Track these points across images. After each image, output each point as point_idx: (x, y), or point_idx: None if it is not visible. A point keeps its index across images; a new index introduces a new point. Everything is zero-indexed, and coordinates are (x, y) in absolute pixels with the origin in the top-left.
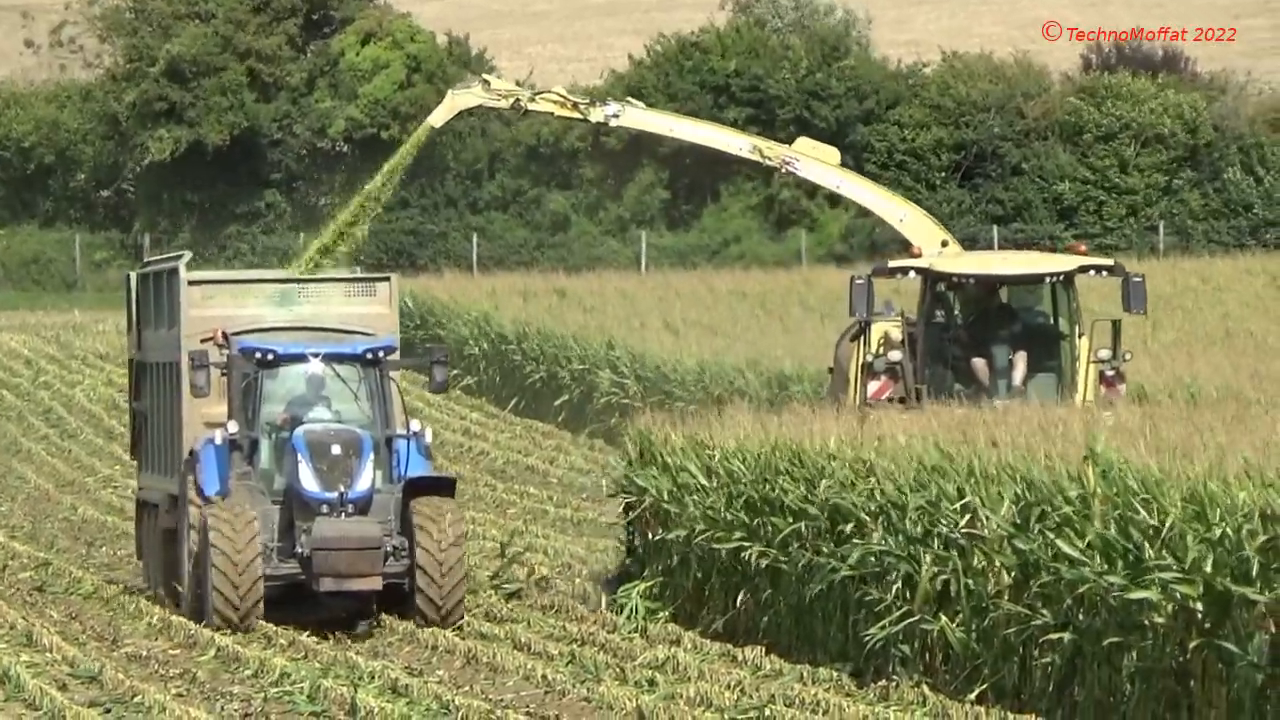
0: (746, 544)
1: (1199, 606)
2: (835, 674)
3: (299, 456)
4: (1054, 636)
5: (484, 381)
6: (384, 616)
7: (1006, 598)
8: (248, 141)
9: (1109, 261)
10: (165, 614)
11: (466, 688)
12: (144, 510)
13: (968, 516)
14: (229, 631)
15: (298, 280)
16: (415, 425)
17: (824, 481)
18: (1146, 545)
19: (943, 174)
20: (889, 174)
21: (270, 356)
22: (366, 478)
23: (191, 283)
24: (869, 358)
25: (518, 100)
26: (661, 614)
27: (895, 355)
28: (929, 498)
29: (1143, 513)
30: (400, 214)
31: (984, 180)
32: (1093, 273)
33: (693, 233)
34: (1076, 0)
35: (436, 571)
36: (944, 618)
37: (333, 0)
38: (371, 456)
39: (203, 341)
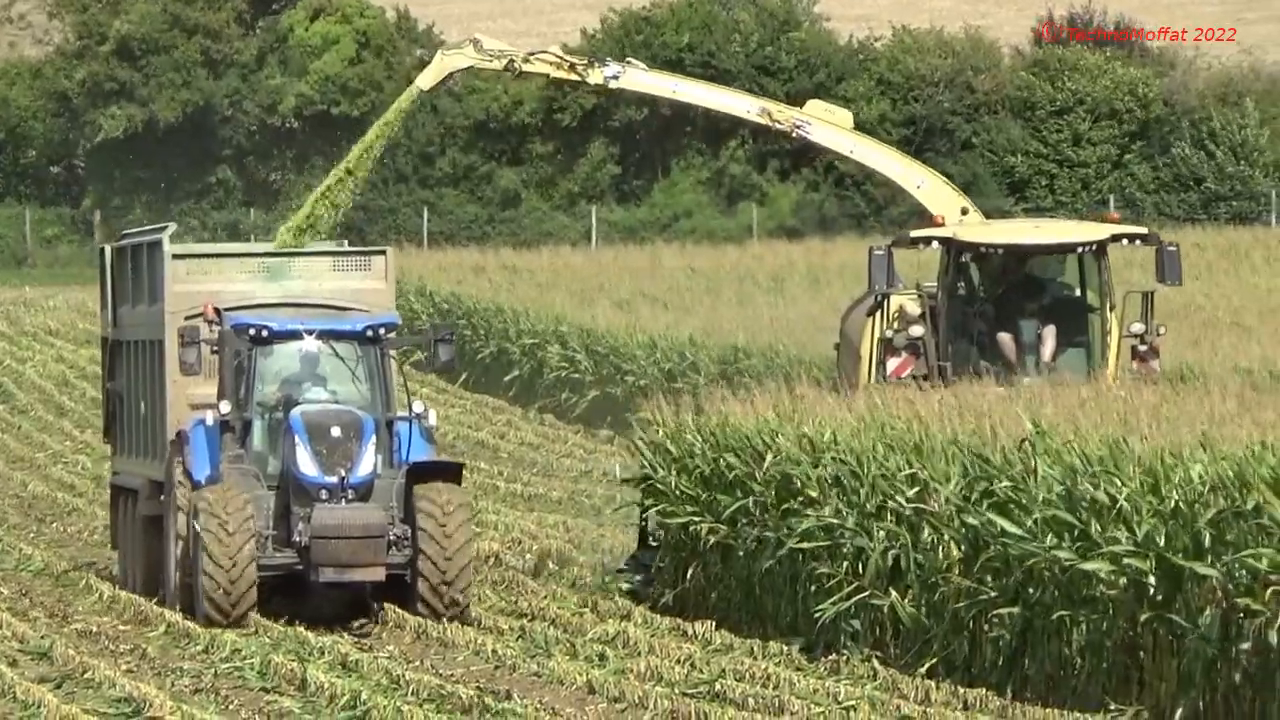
0: (697, 519)
1: (1150, 580)
2: (786, 648)
3: (296, 439)
4: (1004, 611)
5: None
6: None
7: (956, 572)
8: (199, 118)
9: (1143, 230)
10: (115, 590)
11: (416, 662)
12: (120, 496)
13: (916, 489)
14: (222, 625)
15: (289, 254)
16: (418, 407)
17: (769, 456)
18: (1093, 520)
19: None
20: None
21: (265, 333)
22: (368, 462)
23: (176, 256)
24: (888, 333)
25: (511, 61)
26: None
27: (917, 330)
28: (881, 473)
29: (1088, 487)
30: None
31: (934, 154)
32: (1125, 242)
33: (643, 208)
34: None
35: (441, 563)
36: (894, 592)
37: None
38: (373, 439)
39: (188, 319)
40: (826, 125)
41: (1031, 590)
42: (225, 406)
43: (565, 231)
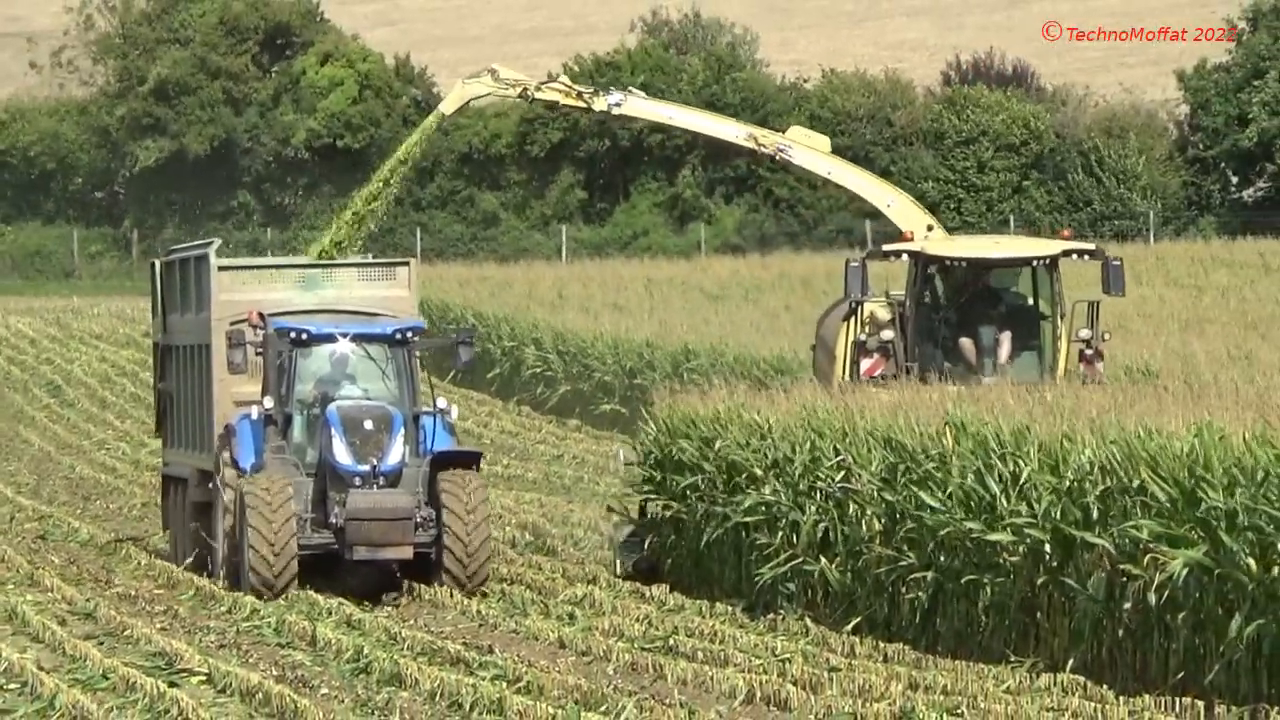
0: (653, 496)
1: (1047, 548)
2: (730, 609)
3: (332, 431)
4: (919, 575)
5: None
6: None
7: (878, 542)
8: (222, 150)
9: (1091, 246)
10: (151, 559)
11: (411, 621)
12: (171, 484)
13: (843, 473)
14: (266, 598)
15: (323, 265)
16: (442, 403)
17: (719, 442)
18: (1001, 495)
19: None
20: (777, 175)
21: (304, 336)
22: (397, 452)
23: (221, 268)
24: (861, 336)
25: (525, 89)
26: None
27: (888, 334)
28: (812, 456)
29: (999, 465)
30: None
31: None
32: (1075, 256)
33: (607, 227)
34: (936, 24)
35: (463, 540)
36: (824, 560)
37: (294, 25)
38: (402, 431)
39: (233, 324)
40: (806, 149)
41: (943, 558)
42: (269, 402)
43: (539, 248)
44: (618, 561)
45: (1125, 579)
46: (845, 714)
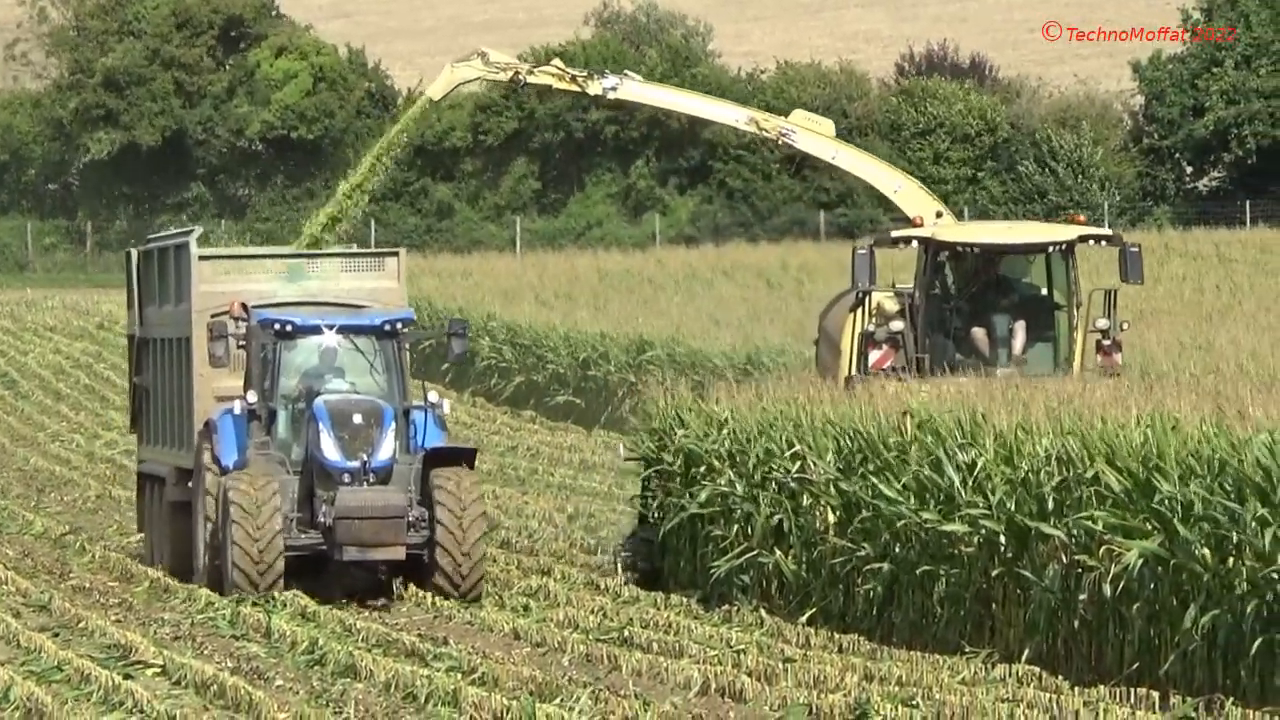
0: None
1: (1002, 539)
2: (685, 600)
3: (320, 426)
4: (874, 566)
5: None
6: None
7: (832, 534)
8: (176, 142)
9: (1108, 231)
10: (105, 551)
11: (366, 613)
12: (147, 482)
13: (798, 464)
14: (250, 599)
15: (308, 255)
16: (433, 396)
17: (680, 432)
18: (957, 485)
19: (776, 165)
20: (730, 167)
21: (289, 328)
22: (388, 447)
23: (202, 258)
24: (870, 327)
25: (517, 73)
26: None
27: (897, 325)
28: (767, 447)
29: (959, 454)
30: (308, 203)
31: (812, 171)
32: (1091, 242)
33: (561, 218)
34: (890, 15)
35: (457, 543)
36: (778, 551)
37: (248, 18)
38: (393, 426)
39: (214, 317)
40: (810, 133)
41: (899, 549)
42: (252, 397)
43: (493, 239)
44: (618, 564)
45: (1081, 570)
46: (800, 705)
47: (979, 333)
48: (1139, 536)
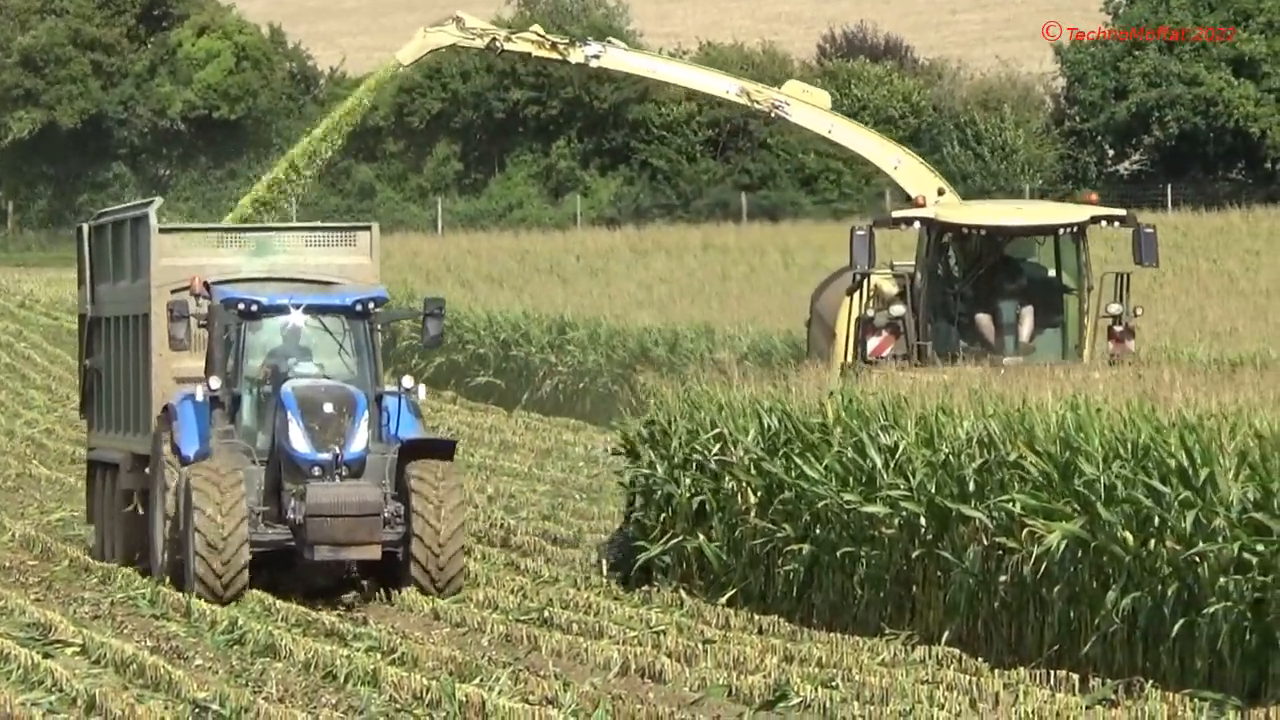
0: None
1: (923, 521)
2: (605, 581)
3: (288, 415)
4: (795, 548)
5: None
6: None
7: (754, 515)
8: (97, 121)
9: (1121, 212)
10: (25, 529)
11: (286, 593)
12: (97, 471)
13: (719, 445)
14: (214, 603)
15: (275, 229)
16: (407, 381)
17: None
18: (879, 466)
19: (699, 147)
20: (652, 147)
21: (254, 308)
22: (361, 438)
23: (162, 230)
24: (869, 312)
25: (494, 40)
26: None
27: (898, 310)
28: (689, 428)
29: (881, 436)
30: (230, 184)
31: (735, 153)
32: (1104, 223)
33: (482, 199)
34: None
35: (435, 540)
36: (700, 534)
37: None
38: (366, 415)
39: (174, 292)
40: (805, 106)
41: (819, 530)
42: (215, 382)
43: (415, 220)
44: (603, 561)
45: (1001, 552)
46: (719, 686)
47: (984, 319)
48: (1060, 519)
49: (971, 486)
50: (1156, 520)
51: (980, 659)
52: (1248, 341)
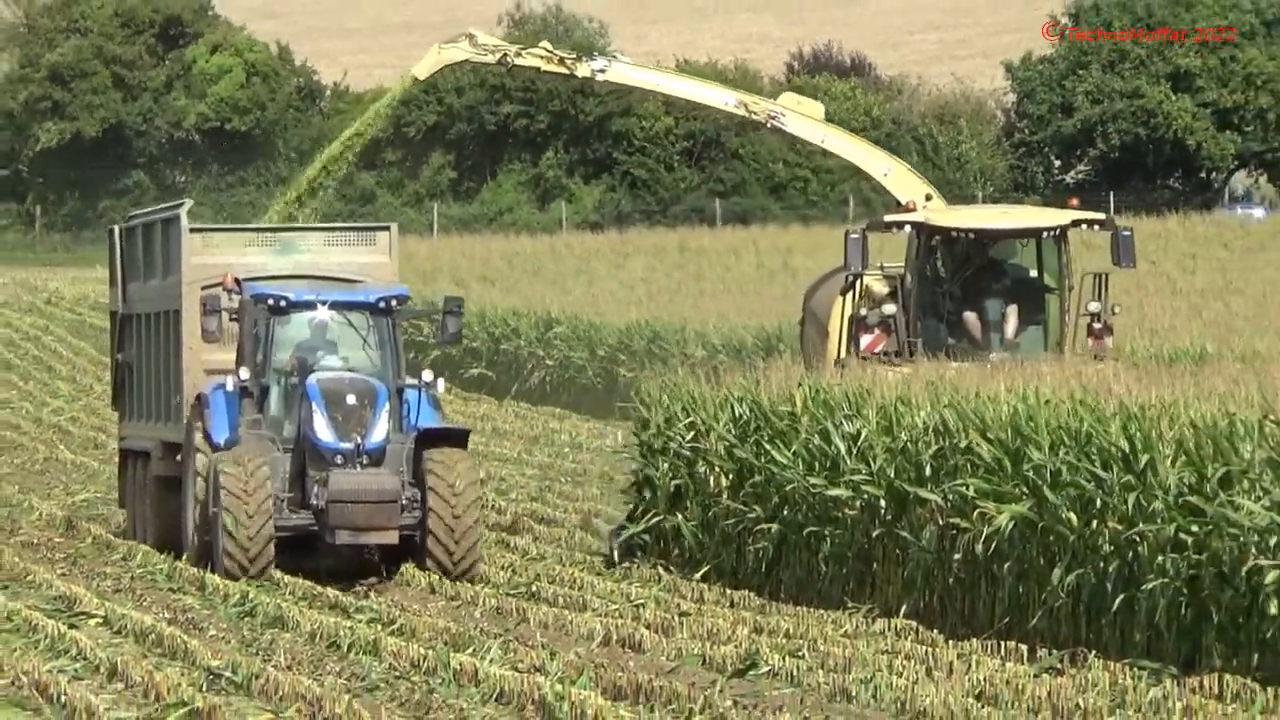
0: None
1: (883, 503)
2: (588, 558)
3: (313, 405)
4: (764, 528)
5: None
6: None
7: (726, 497)
8: (117, 132)
9: (1100, 216)
10: (52, 509)
11: (294, 568)
12: (129, 459)
13: (693, 433)
14: (241, 581)
15: (300, 229)
16: (427, 375)
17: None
18: (843, 453)
19: (677, 157)
20: (634, 157)
21: (283, 302)
22: (382, 428)
23: (193, 230)
24: (862, 311)
25: (505, 55)
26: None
27: (890, 308)
28: (665, 417)
29: (845, 425)
30: (237, 190)
31: (709, 163)
32: (1084, 227)
33: (475, 204)
34: (780, 18)
35: (451, 524)
36: (679, 515)
37: (186, 18)
38: (387, 406)
39: (205, 289)
40: (799, 117)
41: (787, 511)
42: (244, 373)
43: (412, 224)
44: (614, 549)
45: (955, 532)
46: (694, 656)
47: (971, 317)
48: (1010, 501)
49: (928, 471)
50: (1099, 503)
51: (936, 631)
52: (1184, 338)
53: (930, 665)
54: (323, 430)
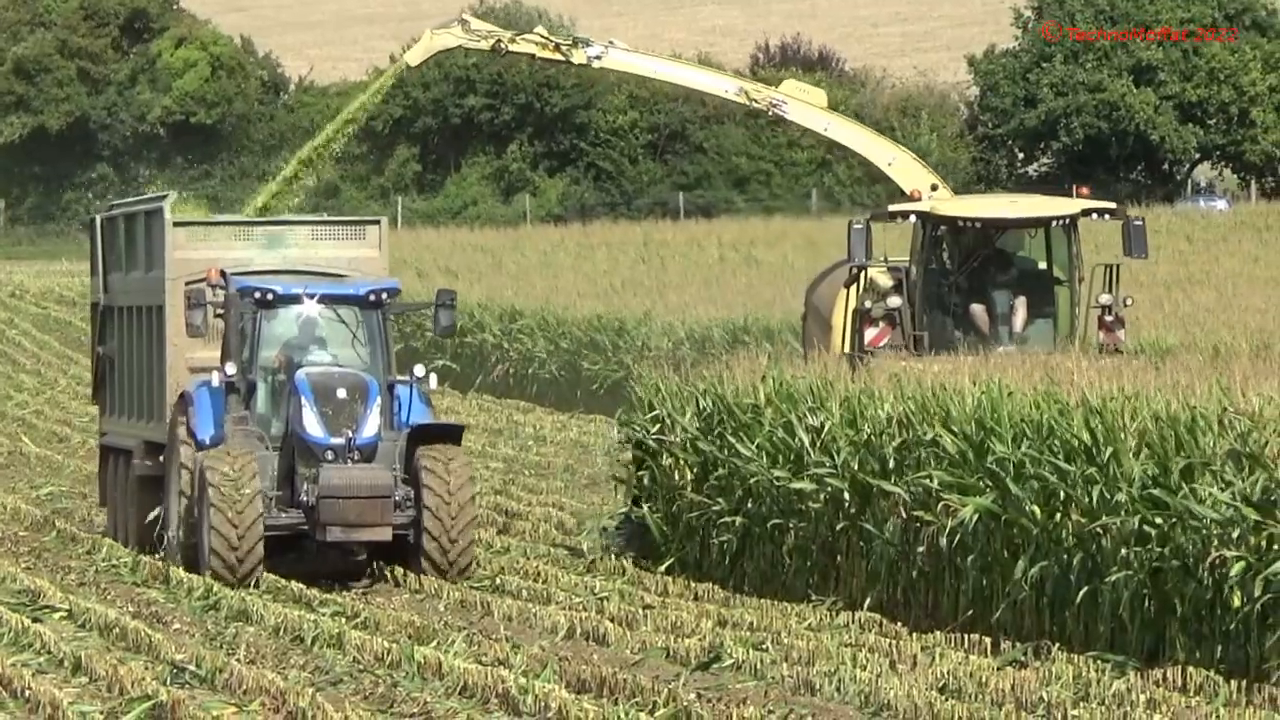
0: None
1: (847, 496)
2: (551, 550)
3: (302, 400)
4: (728, 520)
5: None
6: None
7: (690, 490)
8: (82, 125)
9: (1111, 205)
10: (16, 503)
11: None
12: (110, 456)
13: (658, 426)
14: (229, 584)
15: (287, 222)
16: (419, 370)
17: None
18: (806, 445)
19: (641, 150)
20: (599, 149)
21: (270, 296)
22: (373, 423)
23: (177, 223)
24: (867, 304)
25: (499, 41)
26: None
27: (895, 301)
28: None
29: (809, 417)
30: (205, 183)
31: (673, 156)
32: (1095, 216)
33: (439, 198)
34: (745, 10)
35: (445, 523)
36: (645, 507)
37: (151, 11)
38: (378, 401)
39: (189, 284)
40: (802, 105)
41: (751, 504)
42: (230, 369)
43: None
44: (609, 546)
45: (919, 524)
46: (658, 649)
47: (978, 309)
48: (973, 494)
49: (891, 464)
50: (1062, 495)
51: (900, 624)
52: (1146, 329)
53: (894, 658)
54: (312, 425)
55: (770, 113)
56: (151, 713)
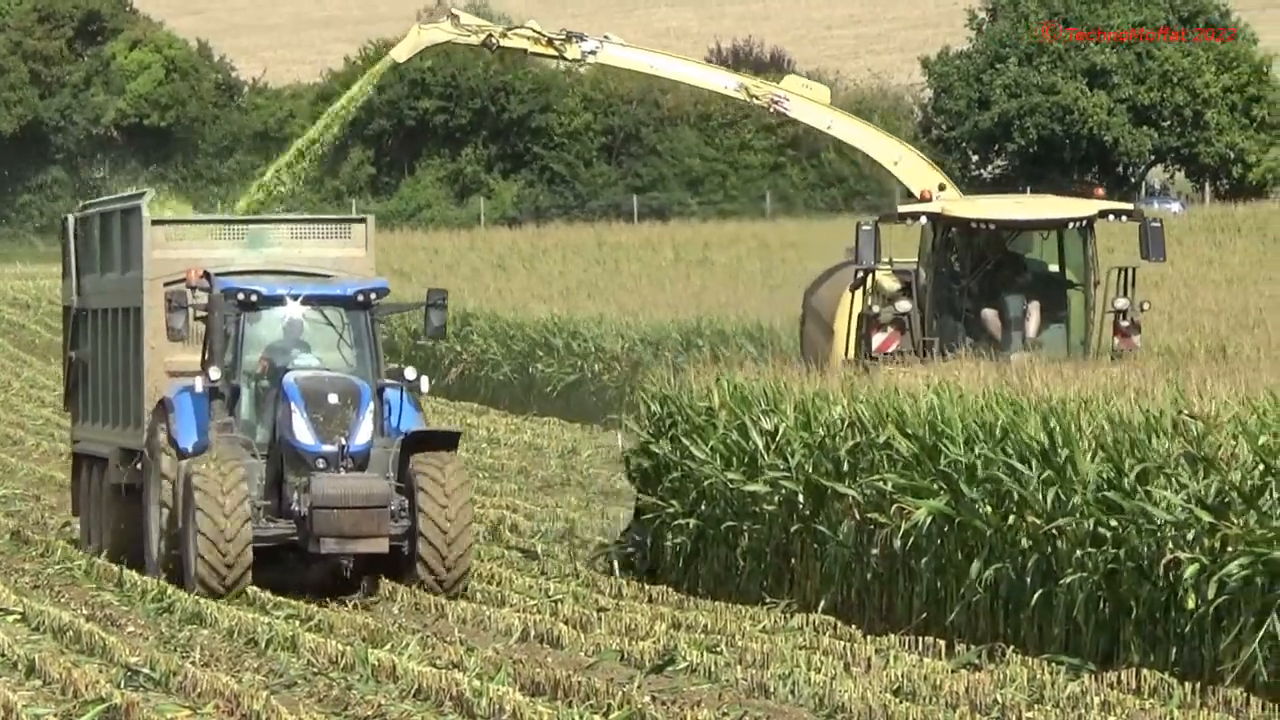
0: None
1: (801, 498)
2: (505, 553)
3: (292, 405)
4: (682, 522)
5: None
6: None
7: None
8: (35, 128)
9: (1129, 206)
10: None
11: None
12: (83, 464)
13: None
14: (216, 598)
15: (270, 220)
16: (410, 373)
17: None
18: (760, 448)
19: (595, 153)
20: (553, 152)
21: (254, 298)
22: (366, 430)
23: (155, 222)
24: (874, 308)
25: (490, 36)
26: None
27: (905, 305)
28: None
29: (762, 420)
30: (160, 185)
31: (627, 158)
32: (1111, 218)
33: (394, 200)
34: (698, 12)
35: (442, 534)
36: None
37: (105, 13)
38: (371, 406)
39: (167, 285)
40: (804, 101)
41: (705, 506)
42: (214, 373)
43: None
44: (614, 560)
45: (873, 527)
46: (613, 651)
47: (990, 314)
48: (927, 496)
49: (845, 466)
50: (1017, 497)
51: (854, 626)
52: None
53: (848, 660)
54: (303, 432)
55: (771, 109)
56: (105, 716)
